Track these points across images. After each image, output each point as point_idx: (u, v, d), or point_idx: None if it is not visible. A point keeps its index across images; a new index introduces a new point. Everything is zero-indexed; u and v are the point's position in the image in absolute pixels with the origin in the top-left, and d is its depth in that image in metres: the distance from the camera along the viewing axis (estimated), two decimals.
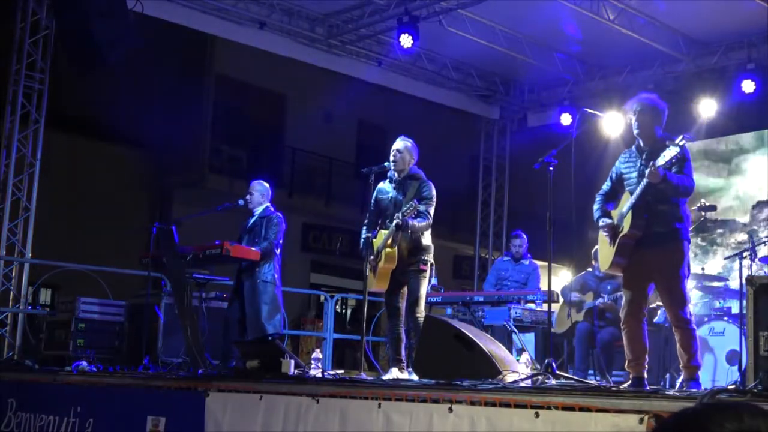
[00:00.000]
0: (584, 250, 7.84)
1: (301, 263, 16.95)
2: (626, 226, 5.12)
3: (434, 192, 6.32)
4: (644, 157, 5.18)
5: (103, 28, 7.63)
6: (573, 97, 12.15)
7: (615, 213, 5.32)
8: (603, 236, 5.35)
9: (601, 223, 5.35)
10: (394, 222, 6.07)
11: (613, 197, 5.42)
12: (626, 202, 5.19)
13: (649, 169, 4.96)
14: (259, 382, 5.21)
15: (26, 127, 9.52)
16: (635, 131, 5.28)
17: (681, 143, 4.94)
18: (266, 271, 7.21)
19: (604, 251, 5.34)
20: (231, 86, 16.73)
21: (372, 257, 6.24)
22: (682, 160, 5.04)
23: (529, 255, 9.02)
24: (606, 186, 5.47)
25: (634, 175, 5.20)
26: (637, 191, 5.09)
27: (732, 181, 11.32)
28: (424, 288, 6.29)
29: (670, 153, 4.90)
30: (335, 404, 4.52)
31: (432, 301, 7.65)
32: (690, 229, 5.25)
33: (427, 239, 6.34)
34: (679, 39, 10.70)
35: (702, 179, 11.04)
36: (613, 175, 5.43)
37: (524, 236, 9.04)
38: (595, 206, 5.45)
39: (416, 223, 6.15)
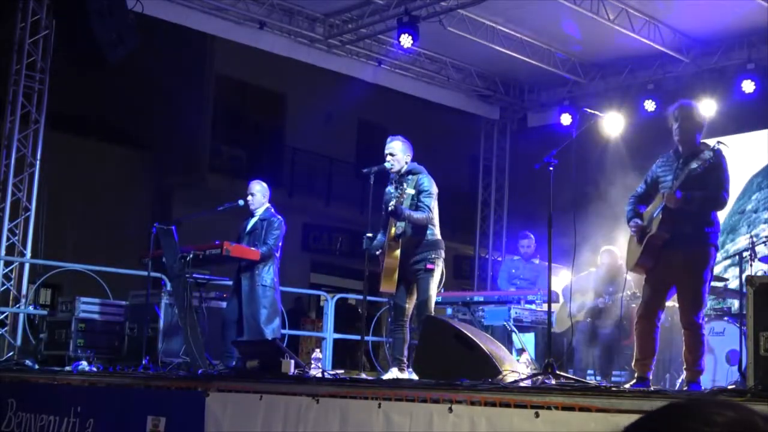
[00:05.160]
0: (584, 251, 7.82)
1: (301, 263, 16.94)
2: (655, 227, 5.13)
3: (433, 185, 6.19)
4: (681, 161, 5.20)
5: (103, 28, 7.63)
6: (573, 97, 12.14)
7: (647, 213, 5.32)
8: (632, 236, 5.37)
9: (631, 224, 5.36)
10: (389, 209, 5.94)
11: (646, 200, 5.42)
12: (658, 203, 5.19)
13: (666, 193, 4.98)
14: (259, 382, 5.20)
15: (26, 127, 9.52)
16: (676, 137, 5.28)
17: (715, 148, 4.93)
18: (266, 274, 7.20)
19: (631, 251, 5.33)
20: (231, 86, 16.74)
21: (378, 253, 6.15)
22: (714, 168, 5.02)
23: (538, 255, 9.01)
24: (640, 188, 5.48)
25: (670, 178, 5.21)
26: None
27: None
28: (433, 289, 6.10)
29: (704, 157, 4.91)
30: (335, 404, 4.52)
31: None
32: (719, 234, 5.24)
33: (435, 234, 6.16)
34: (679, 39, 10.70)
35: None
36: (649, 179, 5.43)
37: (532, 236, 9.00)
38: (627, 207, 5.47)
39: (413, 213, 6.02)
